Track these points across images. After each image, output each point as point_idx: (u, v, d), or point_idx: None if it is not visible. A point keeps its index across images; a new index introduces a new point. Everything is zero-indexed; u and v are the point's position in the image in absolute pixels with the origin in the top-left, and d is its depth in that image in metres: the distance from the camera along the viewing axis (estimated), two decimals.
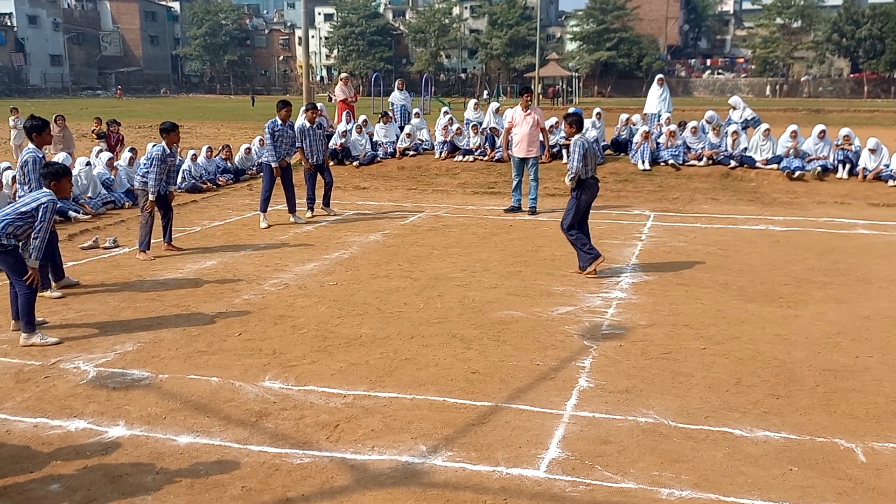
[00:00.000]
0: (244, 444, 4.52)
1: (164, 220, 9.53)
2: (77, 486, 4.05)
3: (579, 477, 4.15)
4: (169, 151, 9.16)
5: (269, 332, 6.54)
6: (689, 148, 15.60)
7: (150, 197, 9.00)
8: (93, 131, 17.60)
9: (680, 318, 6.91)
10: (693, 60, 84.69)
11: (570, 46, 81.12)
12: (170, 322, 6.80)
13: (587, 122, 15.95)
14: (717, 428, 4.73)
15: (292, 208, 11.48)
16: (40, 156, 7.21)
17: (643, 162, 15.23)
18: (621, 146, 16.36)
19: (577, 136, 8.42)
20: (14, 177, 10.03)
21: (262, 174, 11.64)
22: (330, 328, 6.63)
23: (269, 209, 11.30)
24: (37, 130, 7.24)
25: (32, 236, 6.04)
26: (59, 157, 12.31)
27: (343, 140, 16.85)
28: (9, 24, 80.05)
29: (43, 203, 6.06)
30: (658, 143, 15.67)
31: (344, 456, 4.38)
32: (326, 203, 12.12)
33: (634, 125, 16.65)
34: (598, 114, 16.25)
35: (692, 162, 15.31)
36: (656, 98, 17.16)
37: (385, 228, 11.10)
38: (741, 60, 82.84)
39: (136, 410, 4.96)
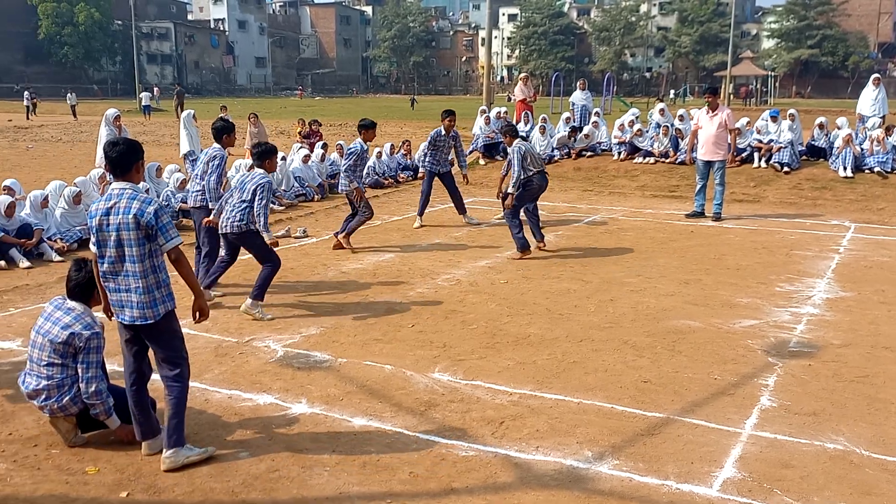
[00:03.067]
0: (413, 431, 4.68)
1: (352, 217, 9.67)
2: (263, 455, 4.37)
3: (756, 500, 3.90)
4: (366, 147, 9.45)
5: (440, 325, 6.71)
6: None
7: (355, 184, 9.20)
8: (299, 132, 18.69)
9: (880, 340, 6.30)
10: None
11: (767, 44, 76.38)
12: (350, 310, 7.17)
13: (784, 124, 14.95)
14: None
15: (462, 210, 11.56)
16: (225, 155, 7.73)
17: (845, 168, 14.01)
18: (818, 151, 15.14)
19: (515, 143, 8.96)
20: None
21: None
22: (499, 325, 6.69)
23: (425, 212, 11.34)
24: (227, 132, 7.66)
25: (255, 213, 6.75)
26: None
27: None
28: (221, 28, 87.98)
29: (261, 184, 6.78)
30: (862, 149, 14.35)
31: (508, 453, 4.41)
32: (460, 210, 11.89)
33: (838, 129, 15.34)
34: (792, 115, 15.12)
35: None
36: (871, 99, 15.70)
37: (558, 229, 11.02)
38: None
39: (317, 390, 5.28)
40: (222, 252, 7.40)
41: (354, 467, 4.24)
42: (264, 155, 6.99)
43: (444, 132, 11.04)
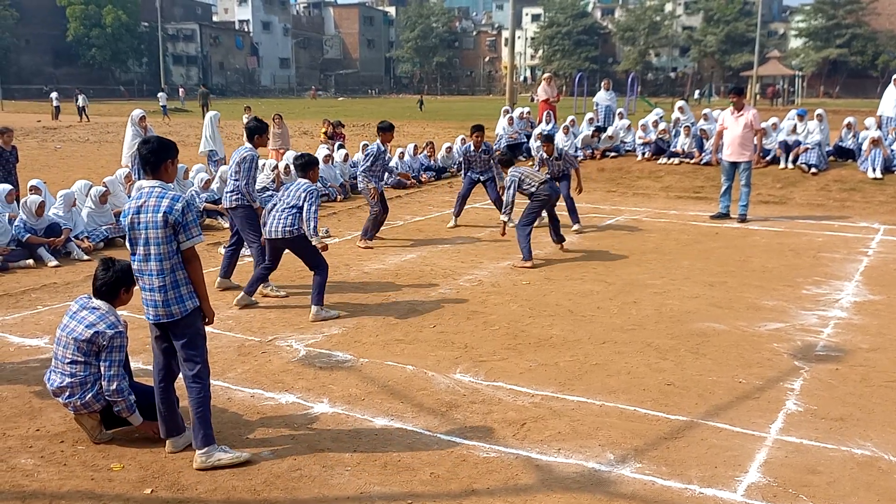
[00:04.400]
0: (434, 432, 4.67)
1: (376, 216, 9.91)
2: (285, 454, 4.39)
3: None
4: (384, 149, 9.75)
5: (461, 326, 6.70)
6: None
7: (371, 184, 9.61)
8: (324, 132, 18.77)
9: None
10: None
11: (795, 43, 75.41)
12: (371, 310, 7.18)
13: (811, 124, 14.76)
14: None
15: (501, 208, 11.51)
16: (256, 155, 7.69)
17: (874, 170, 13.80)
18: (846, 152, 14.92)
19: (510, 171, 9.07)
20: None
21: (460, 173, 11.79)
22: (521, 327, 6.66)
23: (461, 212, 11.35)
24: (259, 132, 7.61)
25: (305, 218, 6.86)
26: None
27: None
28: (246, 29, 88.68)
29: (309, 190, 6.93)
30: (892, 150, 14.12)
31: (529, 455, 4.39)
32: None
33: (867, 129, 15.10)
34: (820, 115, 14.91)
35: None
36: (893, 100, 15.40)
37: (581, 230, 10.95)
38: None
39: (339, 390, 5.29)
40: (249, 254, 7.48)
41: (375, 467, 4.25)
42: (307, 166, 7.16)
43: (473, 148, 10.96)
